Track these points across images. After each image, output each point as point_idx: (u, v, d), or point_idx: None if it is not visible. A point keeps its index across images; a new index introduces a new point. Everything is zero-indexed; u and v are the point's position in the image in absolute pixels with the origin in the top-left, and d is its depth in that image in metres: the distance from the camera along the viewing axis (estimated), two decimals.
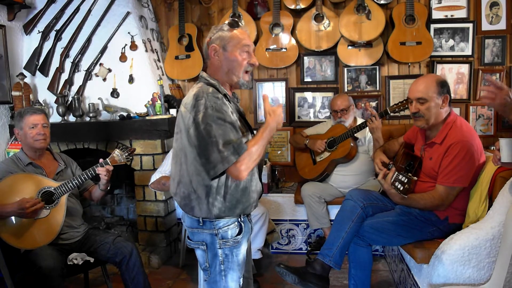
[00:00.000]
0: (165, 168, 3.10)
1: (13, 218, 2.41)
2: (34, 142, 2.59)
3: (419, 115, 2.43)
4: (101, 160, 2.56)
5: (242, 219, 1.82)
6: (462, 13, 3.84)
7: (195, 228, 1.81)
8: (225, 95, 1.78)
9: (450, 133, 2.37)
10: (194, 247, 1.84)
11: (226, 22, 1.83)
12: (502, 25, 3.80)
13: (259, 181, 1.90)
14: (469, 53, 3.87)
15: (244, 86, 1.86)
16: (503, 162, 1.94)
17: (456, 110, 3.80)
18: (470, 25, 3.84)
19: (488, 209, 2.25)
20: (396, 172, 2.31)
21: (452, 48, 3.89)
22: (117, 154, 2.57)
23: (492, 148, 3.65)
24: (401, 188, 2.25)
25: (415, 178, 2.29)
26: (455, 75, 3.91)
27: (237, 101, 1.96)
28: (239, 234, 1.81)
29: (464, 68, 3.89)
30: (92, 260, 2.56)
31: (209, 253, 1.81)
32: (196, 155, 1.70)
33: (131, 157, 2.66)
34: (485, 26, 3.83)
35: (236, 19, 1.85)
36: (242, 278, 1.88)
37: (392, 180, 2.32)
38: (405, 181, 2.25)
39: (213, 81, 1.81)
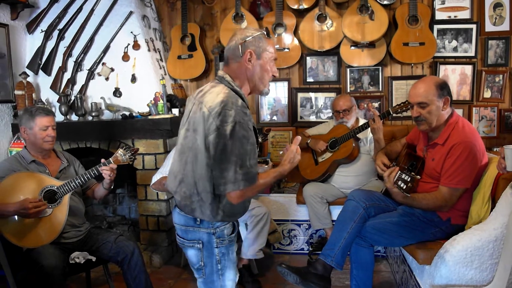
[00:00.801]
0: (166, 169, 3.09)
1: (15, 216, 2.42)
2: (43, 144, 2.60)
3: (421, 119, 2.41)
4: (103, 160, 2.56)
5: (236, 220, 1.89)
6: (465, 14, 3.83)
7: (191, 227, 1.78)
8: (246, 105, 1.75)
9: (453, 134, 2.36)
10: (187, 245, 1.81)
11: (264, 29, 1.82)
12: (505, 26, 3.79)
13: None
14: (473, 54, 3.86)
15: (266, 94, 1.91)
16: (509, 171, 1.92)
17: (459, 111, 3.79)
18: (474, 26, 3.83)
19: (491, 211, 2.24)
20: (399, 171, 2.31)
21: (455, 49, 3.88)
22: (120, 154, 2.57)
23: (495, 149, 3.68)
24: (404, 187, 2.25)
25: (418, 177, 2.28)
26: (458, 76, 3.90)
27: None
28: (232, 232, 1.83)
29: (467, 69, 3.88)
30: (94, 259, 2.55)
31: (205, 252, 1.78)
32: (210, 162, 1.66)
33: (134, 157, 2.66)
34: (489, 27, 3.82)
35: (268, 30, 1.84)
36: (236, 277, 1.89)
37: (395, 179, 2.31)
38: (408, 179, 2.24)
39: (237, 87, 1.77)
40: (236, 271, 1.88)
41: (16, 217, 2.42)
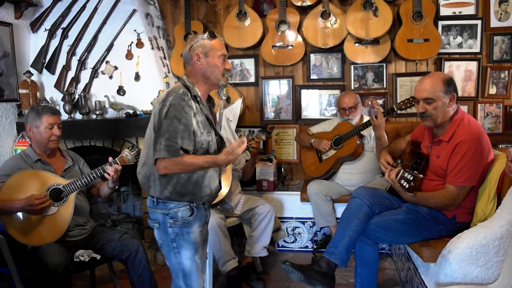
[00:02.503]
0: None
1: (20, 214, 2.43)
2: (49, 142, 2.61)
3: (426, 115, 2.39)
4: (110, 159, 2.56)
5: (195, 205, 2.04)
6: (470, 10, 3.80)
7: (151, 208, 2.07)
8: (195, 96, 2.02)
9: (458, 131, 2.34)
10: (151, 225, 2.10)
11: (207, 32, 2.08)
12: (511, 22, 3.76)
13: (216, 182, 2.14)
14: (478, 50, 3.83)
15: (223, 86, 2.21)
16: None
17: (464, 108, 3.77)
18: (479, 22, 3.80)
19: (497, 208, 2.23)
20: (402, 170, 2.30)
21: (460, 45, 3.85)
22: (126, 154, 2.57)
23: (500, 146, 3.65)
24: (407, 186, 2.23)
25: (421, 175, 2.26)
26: (463, 72, 3.87)
27: (212, 105, 2.22)
28: (190, 216, 2.03)
29: (472, 66, 3.85)
30: (98, 257, 2.56)
31: (161, 231, 2.06)
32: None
33: (139, 157, 2.66)
34: (494, 23, 3.78)
35: (213, 31, 2.11)
36: (198, 258, 2.07)
37: (397, 178, 2.30)
38: (411, 178, 2.23)
39: (189, 83, 2.05)
40: (197, 253, 2.06)
41: (21, 215, 2.43)
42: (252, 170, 3.49)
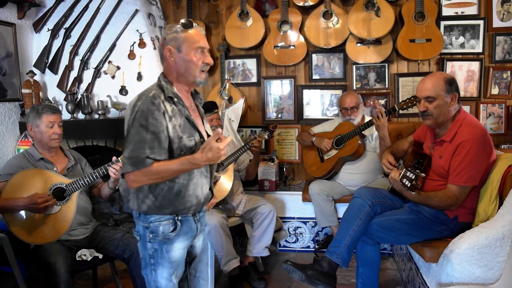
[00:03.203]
0: None
1: (23, 213, 2.44)
2: (50, 141, 2.62)
3: (427, 114, 2.40)
4: (114, 158, 2.57)
5: (179, 218, 1.83)
6: (472, 10, 3.80)
7: (135, 218, 1.89)
8: (171, 97, 1.79)
9: (460, 131, 2.34)
10: (135, 236, 1.91)
11: (180, 22, 1.82)
12: None
13: (205, 189, 1.89)
14: (480, 50, 3.83)
15: (202, 84, 1.89)
16: None
17: (466, 108, 3.76)
18: (481, 22, 3.79)
19: (498, 208, 2.22)
20: (404, 169, 2.30)
21: (462, 45, 3.85)
22: None
23: (503, 146, 3.65)
24: (409, 185, 2.24)
25: (423, 174, 2.27)
26: (465, 72, 3.87)
27: (200, 101, 2.01)
28: (172, 231, 1.82)
29: (475, 66, 3.84)
30: (100, 256, 2.57)
31: (141, 244, 1.87)
32: None
33: None
34: (496, 23, 3.78)
35: (190, 20, 1.84)
36: (175, 277, 1.87)
37: (400, 177, 2.30)
38: (413, 177, 2.23)
39: (164, 82, 1.83)
40: (174, 271, 1.86)
41: (24, 214, 2.45)
42: (255, 169, 3.48)
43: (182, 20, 1.82)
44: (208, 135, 1.92)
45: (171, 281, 1.86)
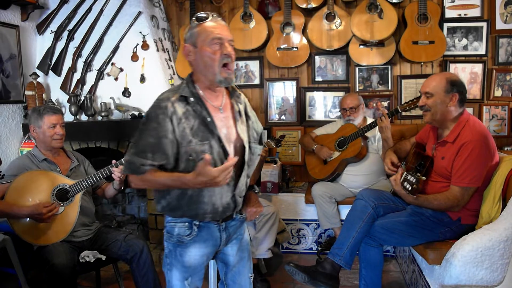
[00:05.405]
0: None
1: None
2: (52, 142, 2.63)
3: (425, 109, 2.46)
4: (114, 161, 2.58)
5: (197, 223, 1.75)
6: (476, 12, 3.79)
7: None
8: (185, 97, 1.68)
9: (463, 132, 2.34)
10: None
11: (195, 16, 1.70)
12: None
13: (226, 198, 1.76)
14: (483, 52, 3.82)
15: (223, 83, 1.71)
16: None
17: (470, 110, 3.76)
18: (484, 24, 3.79)
19: (502, 210, 2.22)
20: (405, 172, 2.30)
21: (465, 47, 3.85)
22: None
23: (506, 148, 3.64)
24: (410, 188, 2.24)
25: (424, 178, 2.27)
26: (468, 74, 3.86)
27: (237, 100, 1.84)
28: (188, 236, 1.76)
29: (478, 68, 3.84)
30: (103, 257, 2.58)
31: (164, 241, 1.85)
32: None
33: None
34: (500, 25, 3.77)
35: (208, 12, 1.71)
36: (189, 283, 1.81)
37: (401, 180, 2.30)
38: (414, 181, 2.23)
39: (185, 80, 1.75)
40: (189, 276, 1.81)
41: None
42: (257, 175, 3.48)
43: (197, 14, 1.70)
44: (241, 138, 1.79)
45: (185, 285, 1.80)
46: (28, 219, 2.45)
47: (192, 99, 1.69)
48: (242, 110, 1.85)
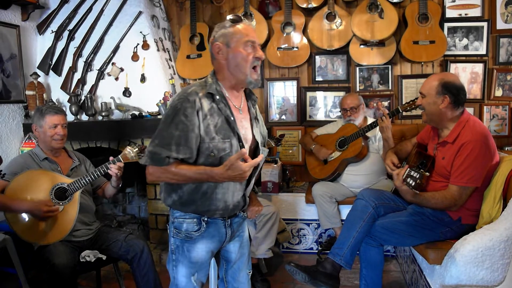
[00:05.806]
0: None
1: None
2: (52, 142, 2.64)
3: (421, 108, 2.50)
4: (111, 158, 2.59)
5: (206, 219, 1.78)
6: (476, 12, 3.79)
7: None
8: (211, 94, 1.72)
9: (463, 132, 2.34)
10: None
11: (228, 18, 1.76)
12: None
13: (238, 196, 1.82)
14: (484, 52, 3.82)
15: (252, 85, 1.78)
16: None
17: (470, 110, 3.75)
18: (485, 24, 3.79)
19: (502, 210, 2.22)
20: (408, 169, 2.30)
21: (466, 47, 3.84)
22: (128, 151, 2.59)
23: (506, 148, 3.63)
24: (413, 184, 2.24)
25: (427, 173, 2.28)
26: (469, 74, 3.86)
27: (253, 103, 1.91)
28: (196, 231, 1.79)
29: (478, 68, 3.84)
30: (104, 257, 2.58)
31: (169, 237, 1.88)
32: None
33: (142, 154, 2.68)
34: (500, 24, 3.77)
35: (239, 15, 1.78)
36: (195, 279, 1.83)
37: (404, 176, 2.30)
38: (417, 176, 2.24)
39: (210, 78, 1.78)
40: (196, 272, 1.83)
41: (27, 214, 2.46)
42: (257, 175, 3.47)
43: (230, 16, 1.76)
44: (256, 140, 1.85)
45: (191, 281, 1.83)
46: (27, 218, 2.45)
47: (218, 97, 1.73)
48: (257, 114, 1.92)
